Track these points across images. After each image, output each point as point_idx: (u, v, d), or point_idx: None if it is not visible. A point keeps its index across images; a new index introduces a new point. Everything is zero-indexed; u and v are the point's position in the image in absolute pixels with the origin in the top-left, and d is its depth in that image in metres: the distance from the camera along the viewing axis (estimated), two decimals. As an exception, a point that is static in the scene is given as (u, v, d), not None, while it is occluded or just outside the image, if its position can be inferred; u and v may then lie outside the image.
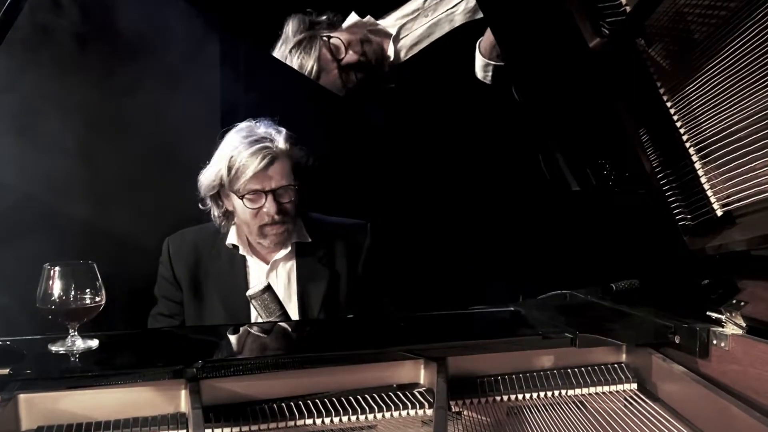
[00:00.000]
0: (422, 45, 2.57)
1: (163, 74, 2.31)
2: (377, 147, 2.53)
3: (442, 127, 2.50)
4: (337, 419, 1.32)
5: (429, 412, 1.35)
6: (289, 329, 1.71)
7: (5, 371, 1.23)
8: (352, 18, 2.61)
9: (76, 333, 1.34)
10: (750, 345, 1.30)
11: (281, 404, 1.32)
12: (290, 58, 2.48)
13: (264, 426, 1.28)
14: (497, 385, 1.42)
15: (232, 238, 2.10)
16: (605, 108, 1.49)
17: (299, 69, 2.48)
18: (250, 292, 1.88)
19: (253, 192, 1.97)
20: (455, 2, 2.49)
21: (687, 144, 1.39)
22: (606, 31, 1.38)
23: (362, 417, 1.33)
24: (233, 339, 1.57)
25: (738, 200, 1.32)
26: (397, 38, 2.57)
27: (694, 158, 1.39)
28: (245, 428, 1.27)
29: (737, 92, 1.23)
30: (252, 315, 2.01)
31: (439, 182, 2.55)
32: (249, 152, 1.94)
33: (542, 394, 1.43)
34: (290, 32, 2.49)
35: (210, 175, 2.01)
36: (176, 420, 1.27)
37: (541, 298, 1.83)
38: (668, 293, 1.62)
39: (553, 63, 1.59)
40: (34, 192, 2.20)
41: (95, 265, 1.35)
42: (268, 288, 1.87)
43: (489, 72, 2.29)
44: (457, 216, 2.56)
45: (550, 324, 1.54)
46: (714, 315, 1.41)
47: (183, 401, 1.30)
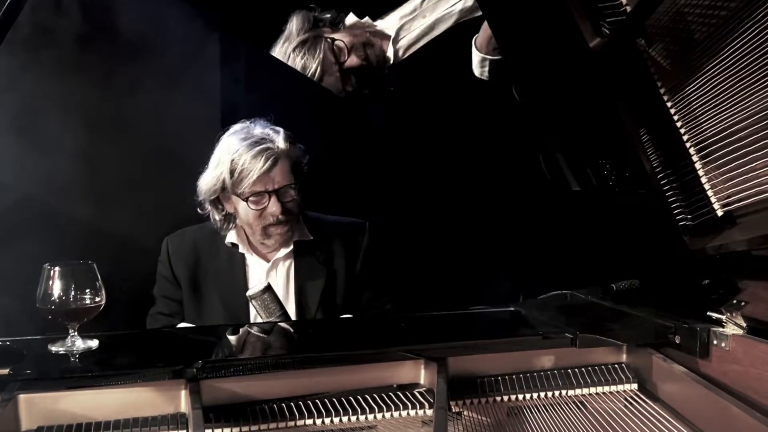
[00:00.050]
0: (420, 44, 2.56)
1: (163, 74, 2.31)
2: (376, 146, 2.53)
3: (442, 127, 2.49)
4: (338, 419, 1.32)
5: (429, 413, 1.35)
6: (289, 329, 1.71)
7: (5, 371, 1.24)
8: (351, 19, 2.60)
9: (76, 333, 1.34)
10: (750, 345, 1.30)
11: (281, 404, 1.32)
12: (293, 57, 2.47)
13: (264, 426, 1.28)
14: (497, 386, 1.42)
15: (232, 237, 2.10)
16: (605, 108, 1.49)
17: (302, 69, 2.47)
18: (250, 293, 1.88)
19: (257, 194, 1.97)
20: (453, 2, 2.49)
21: (687, 144, 1.39)
22: (606, 31, 1.38)
23: (362, 417, 1.33)
24: (233, 339, 1.57)
25: (738, 200, 1.32)
26: (396, 39, 2.56)
27: (695, 158, 1.39)
28: (245, 428, 1.27)
29: (737, 92, 1.23)
30: (251, 314, 2.01)
31: (439, 182, 2.54)
32: (251, 154, 1.94)
33: (542, 395, 1.43)
34: (294, 29, 2.48)
35: (210, 180, 2.00)
36: (176, 420, 1.27)
37: (542, 299, 1.83)
38: (669, 293, 1.62)
39: (554, 63, 1.59)
40: (34, 192, 2.20)
41: (95, 265, 1.35)
42: (268, 288, 1.87)
43: (486, 67, 2.28)
44: (457, 216, 2.56)
45: (551, 324, 1.54)
46: (714, 315, 1.41)
47: (183, 401, 1.30)
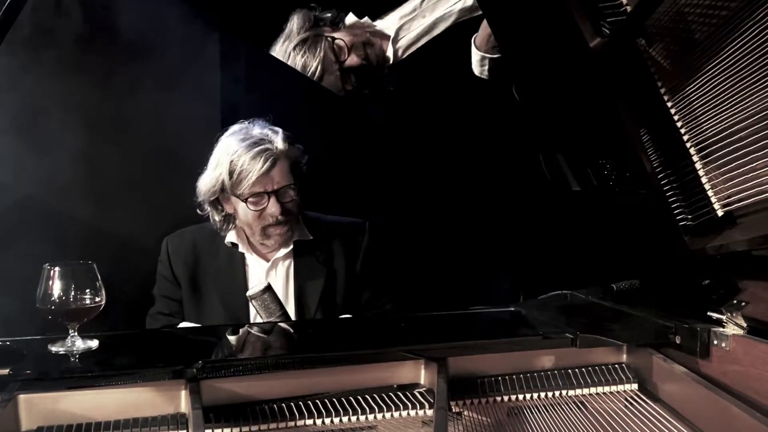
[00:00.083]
0: (420, 43, 2.56)
1: (163, 74, 2.31)
2: (376, 146, 2.53)
3: (442, 127, 2.49)
4: (338, 419, 1.32)
5: (429, 413, 1.35)
6: (290, 329, 1.71)
7: (5, 371, 1.23)
8: (351, 19, 2.60)
9: (76, 333, 1.34)
10: (751, 345, 1.30)
11: (281, 404, 1.32)
12: (293, 56, 2.46)
13: (264, 426, 1.28)
14: (498, 386, 1.42)
15: (231, 237, 2.10)
16: (606, 108, 1.49)
17: (302, 68, 2.47)
18: (250, 293, 1.88)
19: (256, 194, 1.97)
20: (453, 1, 2.49)
21: (687, 144, 1.39)
22: (606, 31, 1.38)
23: (362, 417, 1.33)
24: (233, 339, 1.57)
25: (739, 200, 1.32)
26: (396, 39, 2.56)
27: (695, 158, 1.39)
28: (245, 428, 1.27)
29: (738, 92, 1.23)
30: (251, 314, 2.01)
31: (439, 182, 2.54)
32: (250, 155, 1.94)
33: (543, 395, 1.43)
34: (294, 28, 2.47)
35: (210, 181, 2.00)
36: (176, 420, 1.26)
37: (542, 299, 1.83)
38: (669, 293, 1.62)
39: (554, 63, 1.59)
40: (34, 192, 2.20)
41: (95, 266, 1.35)
42: (269, 288, 1.86)
43: (485, 66, 2.27)
44: (457, 216, 2.56)
45: (551, 324, 1.54)
46: (715, 315, 1.40)
47: (183, 402, 1.30)
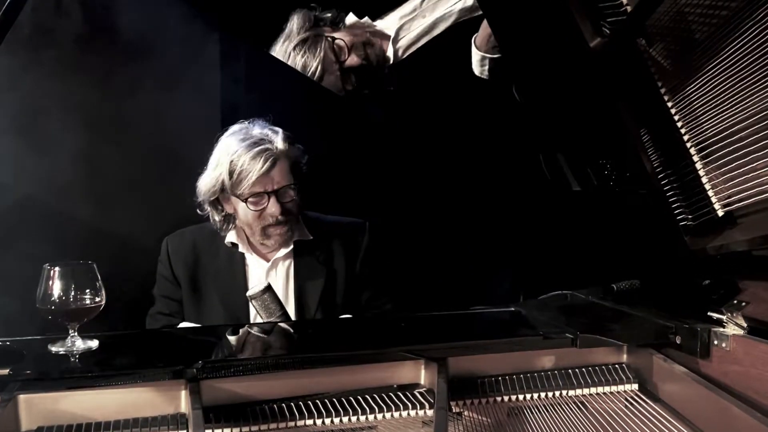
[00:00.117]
0: (420, 43, 2.56)
1: (163, 74, 2.30)
2: (376, 146, 2.53)
3: (442, 127, 2.49)
4: (338, 420, 1.32)
5: (429, 413, 1.35)
6: (290, 329, 1.71)
7: (5, 371, 1.23)
8: (351, 19, 2.60)
9: (76, 333, 1.34)
10: (751, 345, 1.30)
11: (281, 405, 1.32)
12: (293, 56, 2.46)
13: (264, 426, 1.28)
14: (498, 386, 1.42)
15: (232, 237, 2.10)
16: (606, 108, 1.49)
17: (302, 68, 2.47)
18: (250, 293, 1.87)
19: (256, 194, 1.97)
20: (453, 1, 2.49)
21: (688, 144, 1.39)
22: (607, 31, 1.38)
23: (362, 417, 1.33)
24: (233, 339, 1.57)
25: (739, 200, 1.32)
26: (396, 39, 2.56)
27: (695, 158, 1.39)
28: (245, 429, 1.27)
29: (738, 92, 1.23)
30: (251, 314, 2.01)
31: (439, 182, 2.54)
32: (250, 155, 1.94)
33: (543, 395, 1.43)
34: (294, 28, 2.47)
35: (210, 181, 2.00)
36: (176, 420, 1.26)
37: (542, 299, 1.83)
38: (669, 293, 1.62)
39: (554, 63, 1.59)
40: (34, 192, 2.20)
41: (95, 266, 1.35)
42: (269, 288, 1.86)
43: (486, 65, 2.27)
44: (458, 216, 2.56)
45: (551, 324, 1.54)
46: (715, 315, 1.40)
47: (183, 402, 1.30)
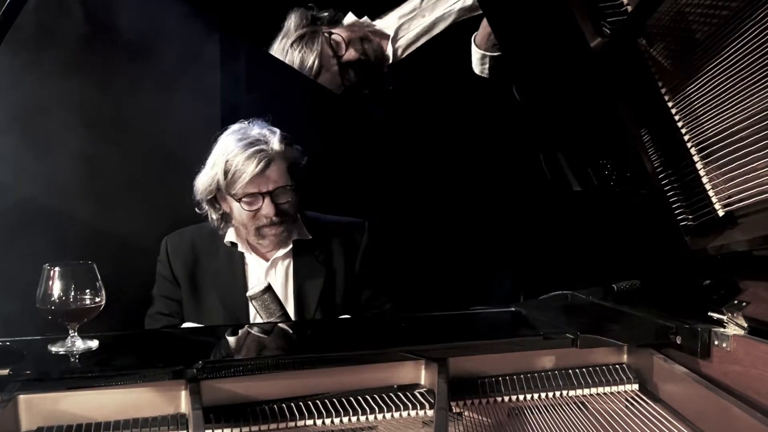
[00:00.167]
0: (419, 43, 2.56)
1: (163, 74, 2.30)
2: (376, 145, 2.53)
3: (442, 126, 2.49)
4: (338, 420, 1.32)
5: (430, 413, 1.35)
6: (290, 330, 1.71)
7: (5, 372, 1.23)
8: (350, 18, 2.60)
9: (76, 333, 1.34)
10: (751, 346, 1.30)
11: (282, 405, 1.32)
12: (291, 53, 2.47)
13: (264, 427, 1.28)
14: (498, 386, 1.42)
15: (231, 236, 2.10)
16: (606, 108, 1.49)
17: (300, 64, 2.47)
18: (251, 293, 1.87)
19: (251, 195, 1.97)
20: (452, 1, 2.49)
21: (688, 144, 1.39)
22: (607, 31, 1.38)
23: (363, 418, 1.33)
24: (233, 339, 1.57)
25: (739, 200, 1.32)
26: (395, 38, 2.56)
27: (696, 158, 1.39)
28: (245, 429, 1.27)
29: (739, 92, 1.23)
30: (251, 314, 2.01)
31: (439, 181, 2.54)
32: (245, 156, 1.94)
33: (543, 395, 1.43)
34: (292, 26, 2.48)
35: (206, 180, 2.01)
36: (176, 421, 1.26)
37: (542, 299, 1.83)
38: (669, 294, 1.62)
39: (555, 63, 1.59)
40: (34, 192, 2.19)
41: (95, 266, 1.35)
42: (269, 289, 1.86)
43: (486, 64, 2.27)
44: (458, 216, 2.56)
45: (551, 324, 1.54)
46: (715, 315, 1.40)
47: (183, 402, 1.30)
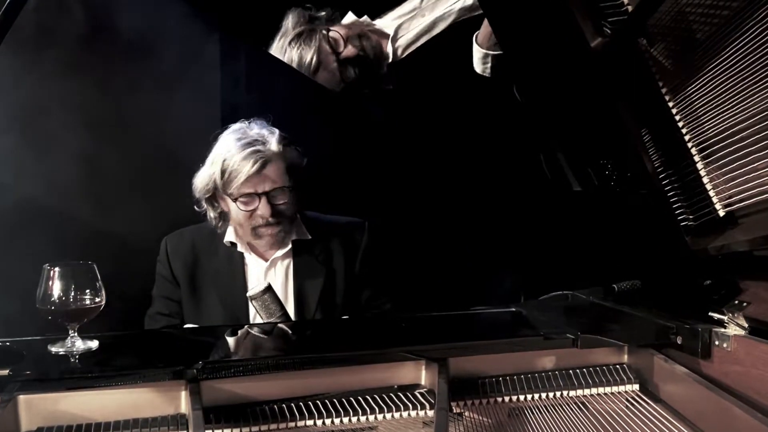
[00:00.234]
0: (419, 43, 2.56)
1: (163, 75, 2.30)
2: (376, 145, 2.53)
3: (442, 126, 2.49)
4: (338, 420, 1.31)
5: (430, 413, 1.35)
6: (290, 330, 1.71)
7: (5, 372, 1.23)
8: (349, 17, 2.61)
9: (76, 334, 1.34)
10: (752, 346, 1.29)
11: (282, 405, 1.32)
12: (289, 51, 2.48)
13: (264, 427, 1.28)
14: (499, 386, 1.42)
15: (230, 236, 2.09)
16: (607, 108, 1.49)
17: (298, 61, 2.47)
18: (251, 293, 1.87)
19: (247, 195, 1.97)
20: (453, 1, 2.49)
21: (689, 144, 1.39)
22: (608, 31, 1.38)
23: (363, 418, 1.33)
24: (233, 340, 1.56)
25: (740, 200, 1.32)
26: (395, 38, 2.56)
27: (696, 158, 1.39)
28: (245, 429, 1.27)
29: (739, 92, 1.23)
30: (251, 314, 2.00)
31: (439, 181, 2.54)
32: (241, 156, 1.94)
33: (544, 395, 1.43)
34: (290, 25, 2.50)
35: (204, 178, 2.01)
36: (176, 421, 1.26)
37: (543, 299, 1.83)
38: (670, 294, 1.62)
39: (555, 63, 1.59)
40: (34, 192, 2.19)
41: (95, 266, 1.35)
42: (269, 289, 1.86)
43: (488, 63, 2.27)
44: (458, 215, 2.56)
45: (552, 325, 1.54)
46: (716, 316, 1.40)
47: (183, 402, 1.30)
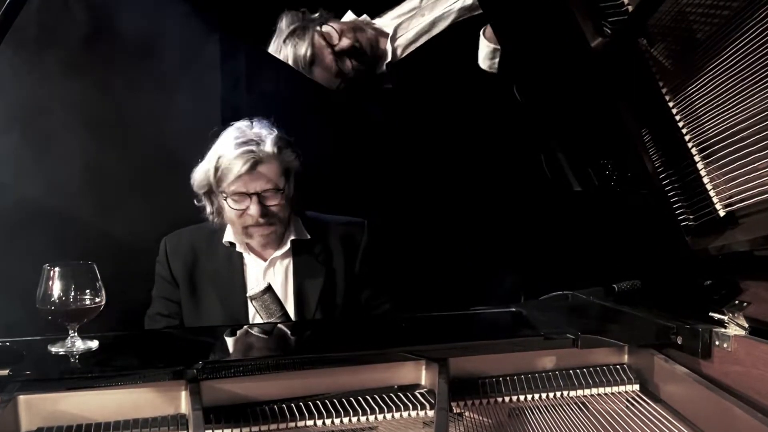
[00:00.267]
0: (419, 42, 2.56)
1: (164, 75, 2.30)
2: (376, 145, 2.53)
3: (442, 126, 2.49)
4: (338, 420, 1.31)
5: (430, 414, 1.35)
6: (290, 330, 1.70)
7: (5, 372, 1.23)
8: (349, 16, 2.61)
9: (76, 334, 1.34)
10: (752, 346, 1.29)
11: (282, 405, 1.32)
12: (284, 49, 2.49)
13: (264, 427, 1.28)
14: (499, 386, 1.42)
15: (229, 236, 2.09)
16: (607, 108, 1.49)
17: (293, 57, 2.48)
18: (251, 293, 1.87)
19: (238, 194, 1.97)
20: (452, 0, 2.49)
21: (689, 144, 1.39)
22: (608, 31, 1.38)
23: (363, 418, 1.33)
24: (233, 340, 1.56)
25: (740, 200, 1.32)
26: (394, 37, 2.56)
27: (697, 158, 1.39)
28: (246, 429, 1.27)
29: (740, 92, 1.23)
30: (250, 314, 2.00)
31: (439, 181, 2.54)
32: (234, 154, 1.94)
33: (544, 395, 1.43)
34: (284, 25, 2.51)
35: (201, 173, 2.01)
36: (176, 421, 1.26)
37: (543, 299, 1.83)
38: (670, 294, 1.62)
39: (555, 63, 1.59)
40: (35, 192, 2.19)
41: (95, 266, 1.35)
42: (269, 289, 1.86)
43: (496, 58, 2.26)
44: (458, 215, 2.56)
45: (552, 325, 1.54)
46: (716, 316, 1.40)
47: (183, 402, 1.30)
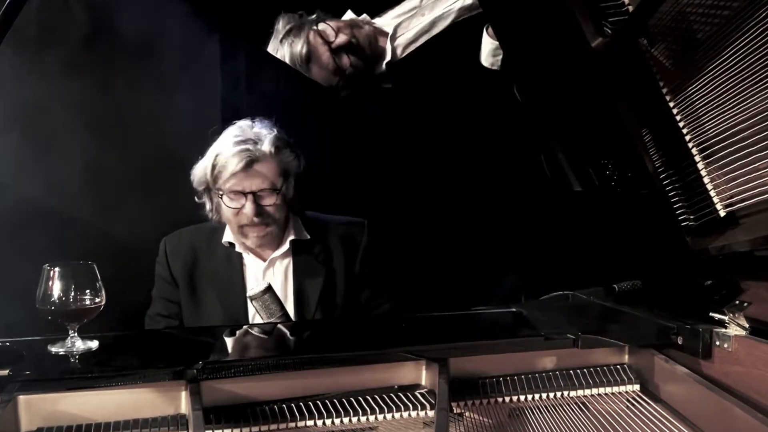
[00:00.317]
0: (419, 42, 2.56)
1: (164, 75, 2.30)
2: (376, 145, 2.53)
3: (442, 126, 2.49)
4: (338, 420, 1.31)
5: (430, 414, 1.35)
6: (290, 330, 1.70)
7: (5, 372, 1.23)
8: (349, 16, 2.61)
9: (76, 334, 1.34)
10: (753, 346, 1.29)
11: (282, 405, 1.32)
12: (281, 48, 2.50)
13: (265, 427, 1.28)
14: (499, 387, 1.42)
15: (228, 236, 2.09)
16: (607, 108, 1.49)
17: (290, 56, 2.48)
18: (251, 293, 1.87)
19: (234, 192, 1.97)
20: (452, 0, 2.49)
21: (690, 144, 1.39)
22: (608, 31, 1.38)
23: (363, 418, 1.33)
24: (233, 340, 1.56)
25: (741, 200, 1.32)
26: (394, 37, 2.56)
27: (697, 158, 1.39)
28: (245, 429, 1.26)
29: (740, 92, 1.23)
30: (250, 314, 2.00)
31: (440, 181, 2.54)
32: (231, 153, 1.94)
33: (544, 396, 1.43)
34: (280, 27, 2.52)
35: (200, 170, 2.01)
36: (176, 421, 1.26)
37: (543, 299, 1.83)
38: (671, 294, 1.62)
39: (556, 63, 1.59)
40: (35, 192, 2.19)
41: (95, 266, 1.35)
42: (269, 289, 1.86)
43: (499, 55, 2.26)
44: (458, 215, 2.56)
45: (552, 325, 1.54)
46: (717, 316, 1.40)
47: (183, 402, 1.30)
